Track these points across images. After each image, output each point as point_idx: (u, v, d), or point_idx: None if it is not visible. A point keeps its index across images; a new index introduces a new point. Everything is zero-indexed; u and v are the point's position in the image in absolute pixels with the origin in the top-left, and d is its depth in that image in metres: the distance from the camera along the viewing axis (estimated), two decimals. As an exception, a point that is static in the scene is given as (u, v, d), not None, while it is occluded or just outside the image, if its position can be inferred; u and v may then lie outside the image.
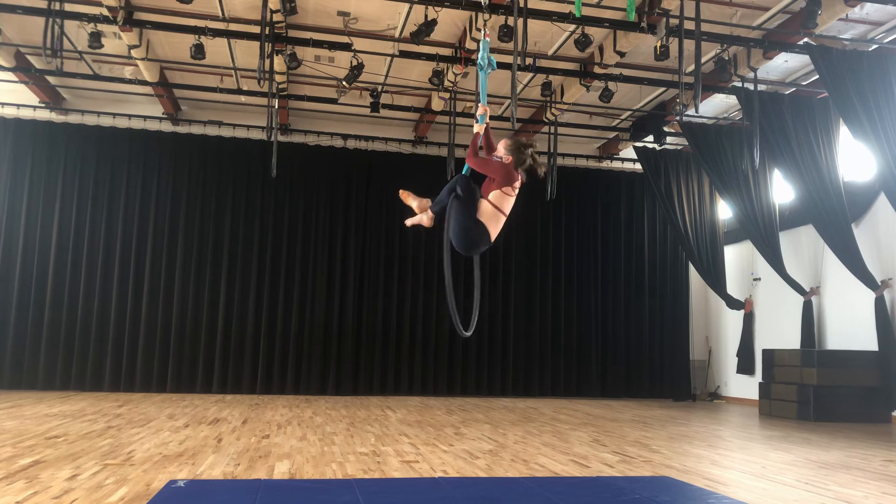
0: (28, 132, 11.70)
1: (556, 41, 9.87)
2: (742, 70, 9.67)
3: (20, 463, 4.92)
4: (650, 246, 13.88)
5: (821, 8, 8.05)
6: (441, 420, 8.54)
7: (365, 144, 12.73)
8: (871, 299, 9.87)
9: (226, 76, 11.17)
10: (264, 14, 8.47)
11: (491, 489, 4.55)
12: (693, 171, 13.03)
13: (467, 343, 12.69)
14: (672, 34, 8.21)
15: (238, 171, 12.25)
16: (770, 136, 9.81)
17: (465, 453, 5.94)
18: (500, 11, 8.28)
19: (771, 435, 8.06)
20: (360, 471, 4.99)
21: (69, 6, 8.61)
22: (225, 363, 11.75)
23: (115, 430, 6.75)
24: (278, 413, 8.78)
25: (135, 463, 5.05)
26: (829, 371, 9.76)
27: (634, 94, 11.65)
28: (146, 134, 12.10)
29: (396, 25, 9.47)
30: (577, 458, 5.89)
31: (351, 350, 12.19)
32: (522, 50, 7.86)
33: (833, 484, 5.02)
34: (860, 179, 10.48)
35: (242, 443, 6.20)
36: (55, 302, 11.40)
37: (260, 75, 8.39)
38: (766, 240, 11.29)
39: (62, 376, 11.24)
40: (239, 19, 9.31)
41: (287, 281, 12.15)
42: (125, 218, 11.82)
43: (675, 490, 4.62)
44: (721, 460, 6.05)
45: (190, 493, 4.09)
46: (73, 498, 3.92)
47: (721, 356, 13.45)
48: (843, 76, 8.67)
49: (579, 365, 13.17)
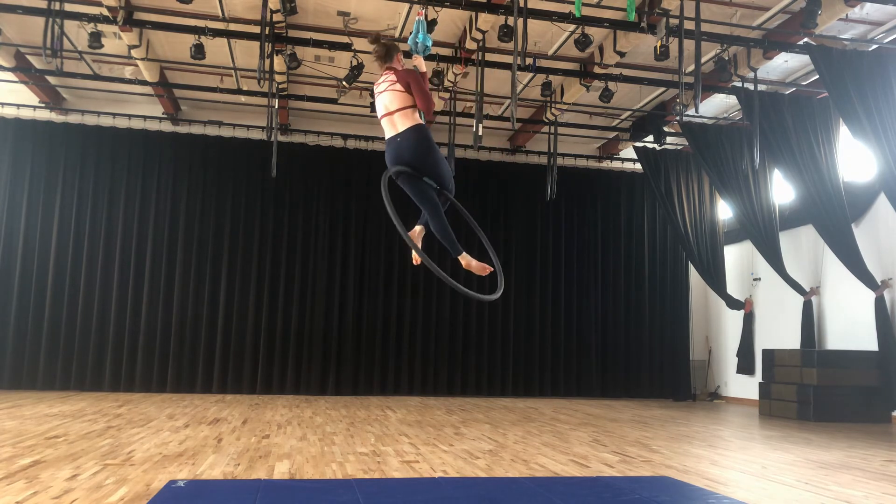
0: (28, 132, 11.70)
1: (556, 41, 9.87)
2: (742, 70, 9.67)
3: (20, 463, 4.92)
4: (650, 246, 13.88)
5: (821, 8, 8.05)
6: (441, 420, 8.54)
7: (365, 144, 12.73)
8: (871, 299, 9.87)
9: (226, 76, 11.17)
10: (264, 14, 8.47)
11: (491, 489, 4.54)
12: (693, 171, 13.03)
13: (467, 343, 12.70)
14: (672, 34, 8.21)
15: (238, 171, 12.25)
16: (770, 136, 9.81)
17: (465, 453, 5.93)
18: (500, 11, 8.28)
19: (771, 435, 8.06)
20: (360, 471, 4.99)
21: (69, 6, 8.60)
22: (225, 363, 11.76)
23: (115, 430, 6.75)
24: (278, 413, 8.78)
25: (135, 463, 5.05)
26: (829, 371, 9.76)
27: (634, 94, 11.66)
28: (146, 134, 12.10)
29: (396, 25, 9.47)
30: (577, 458, 5.89)
31: (351, 350, 12.19)
32: (522, 50, 7.86)
33: (833, 484, 5.02)
34: (860, 179, 10.48)
35: (242, 443, 6.20)
36: (55, 302, 11.40)
37: (260, 75, 8.39)
38: (766, 240, 11.29)
39: (62, 376, 11.25)
40: (239, 19, 9.31)
41: (287, 281, 12.16)
42: (125, 218, 11.82)
43: (675, 490, 4.62)
44: (721, 460, 6.05)
45: (190, 493, 4.09)
46: (73, 498, 3.92)
47: (721, 356, 13.45)
48: (843, 76, 8.67)
49: (579, 365, 13.17)
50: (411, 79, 4.57)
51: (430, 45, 5.01)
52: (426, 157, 4.52)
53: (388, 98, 4.61)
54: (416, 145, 4.49)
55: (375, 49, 4.73)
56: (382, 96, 4.64)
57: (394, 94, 4.58)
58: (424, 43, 4.97)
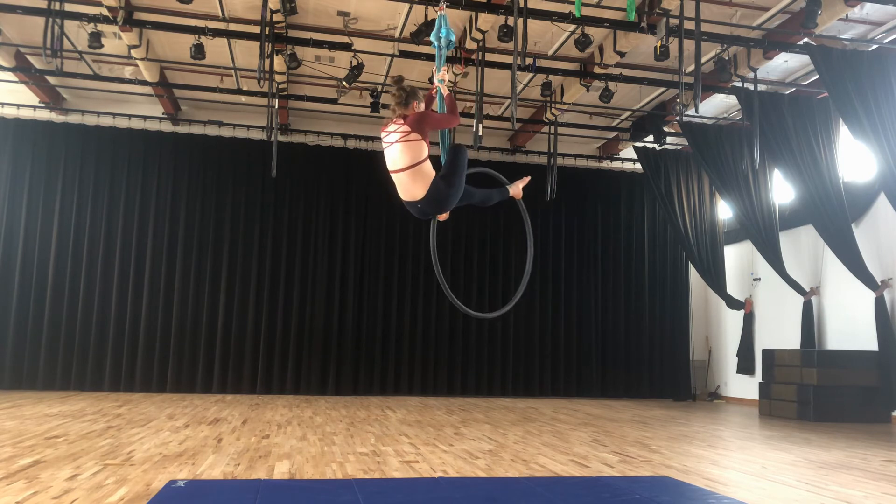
0: (28, 132, 11.70)
1: (556, 41, 9.87)
2: (742, 70, 9.67)
3: (20, 463, 4.92)
4: (650, 246, 13.88)
5: (821, 8, 8.05)
6: (441, 420, 8.54)
7: (365, 144, 12.73)
8: (871, 299, 9.87)
9: (226, 76, 11.17)
10: (264, 14, 8.47)
11: (491, 489, 4.54)
12: (693, 171, 13.03)
13: (467, 343, 12.71)
14: (672, 34, 8.20)
15: (238, 171, 12.25)
16: (770, 136, 9.81)
17: (465, 453, 5.93)
18: (500, 11, 8.28)
19: (771, 435, 8.06)
20: (360, 471, 4.99)
21: (69, 6, 8.60)
22: (225, 363, 11.75)
23: (115, 430, 6.75)
24: (278, 413, 8.78)
25: (135, 463, 5.05)
26: (829, 371, 9.75)
27: (634, 94, 11.66)
28: (146, 134, 12.10)
29: (396, 25, 9.47)
30: (577, 458, 5.89)
31: (351, 350, 12.19)
32: (522, 50, 7.86)
33: (833, 484, 5.02)
34: (860, 179, 10.48)
35: (242, 443, 6.20)
36: (55, 302, 11.40)
37: (260, 75, 8.39)
38: (766, 240, 11.29)
39: (62, 376, 11.25)
40: (239, 19, 9.31)
41: (287, 281, 12.16)
42: (125, 218, 11.82)
43: (675, 490, 4.62)
44: (721, 460, 6.05)
45: (190, 493, 4.09)
46: (73, 498, 3.92)
47: (721, 356, 13.45)
48: (843, 76, 8.67)
49: (579, 365, 13.17)
50: (424, 120, 4.44)
51: (453, 39, 4.92)
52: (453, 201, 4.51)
53: (397, 153, 4.45)
54: (440, 204, 4.49)
55: (396, 93, 4.51)
56: (392, 150, 4.47)
57: (403, 148, 4.41)
58: (448, 38, 4.89)
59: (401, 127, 4.45)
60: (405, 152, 4.41)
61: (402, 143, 4.42)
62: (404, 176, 4.45)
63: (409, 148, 4.40)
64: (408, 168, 4.42)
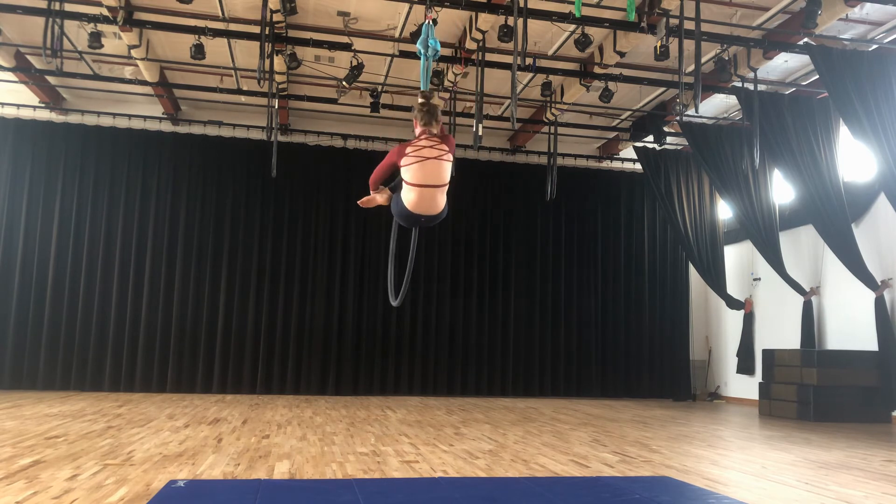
0: (28, 132, 11.70)
1: (556, 41, 9.87)
2: (742, 70, 9.67)
3: (20, 463, 4.92)
4: (650, 246, 13.88)
5: (821, 8, 8.05)
6: (441, 420, 8.54)
7: (365, 144, 12.73)
8: (871, 299, 9.87)
9: (226, 76, 11.17)
10: (264, 14, 8.47)
11: (491, 489, 4.54)
12: (693, 171, 13.03)
13: (467, 343, 12.70)
14: (672, 34, 8.20)
15: (238, 171, 12.25)
16: (770, 136, 9.81)
17: (465, 453, 5.93)
18: (500, 11, 8.28)
19: (771, 435, 8.06)
20: (360, 471, 4.99)
21: (69, 6, 8.60)
22: (225, 363, 11.76)
23: (115, 430, 6.75)
24: (278, 413, 8.78)
25: (135, 463, 5.05)
26: (829, 371, 9.76)
27: (634, 94, 11.66)
28: (146, 134, 12.10)
29: (396, 25, 9.47)
30: (577, 458, 5.89)
31: (351, 350, 12.19)
32: (522, 50, 7.85)
33: (833, 484, 5.02)
34: (860, 179, 10.48)
35: (242, 443, 6.20)
36: (55, 302, 11.40)
37: (260, 75, 8.39)
38: (766, 240, 11.29)
39: (62, 376, 11.25)
40: (239, 19, 9.31)
41: (287, 281, 12.16)
42: (125, 218, 11.82)
43: (675, 490, 4.62)
44: (721, 460, 6.05)
45: (190, 493, 4.09)
46: (73, 498, 3.92)
47: (721, 356, 13.45)
48: (843, 76, 8.67)
49: (579, 365, 13.17)
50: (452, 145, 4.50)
51: (438, 48, 4.94)
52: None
53: (443, 170, 4.45)
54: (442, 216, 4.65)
55: (422, 105, 4.47)
56: (436, 165, 4.41)
57: (447, 167, 4.45)
58: (435, 47, 4.89)
59: (438, 144, 4.43)
60: (446, 171, 4.48)
61: (447, 162, 4.47)
62: (439, 191, 4.51)
63: (448, 167, 4.50)
64: (444, 185, 4.52)
